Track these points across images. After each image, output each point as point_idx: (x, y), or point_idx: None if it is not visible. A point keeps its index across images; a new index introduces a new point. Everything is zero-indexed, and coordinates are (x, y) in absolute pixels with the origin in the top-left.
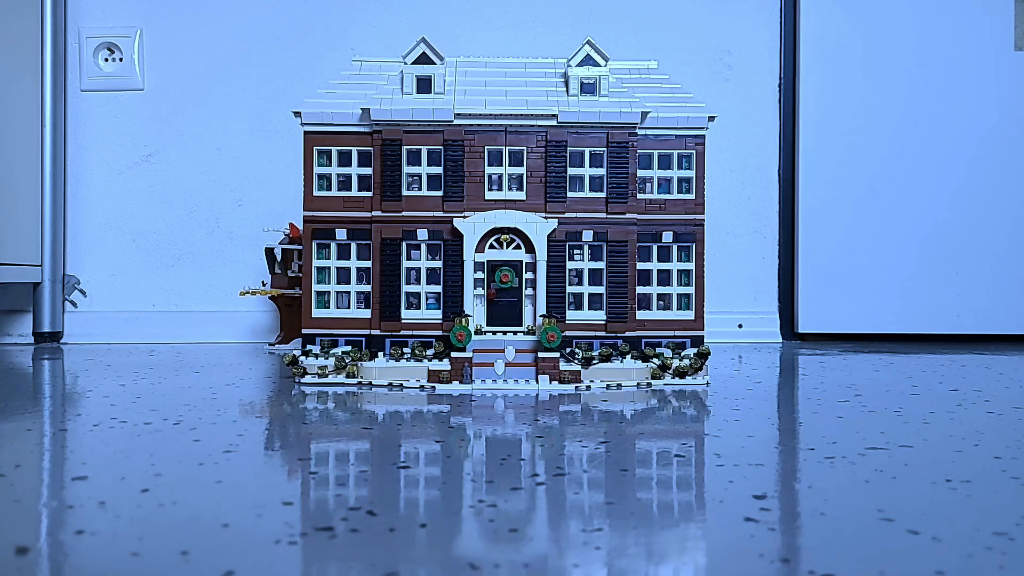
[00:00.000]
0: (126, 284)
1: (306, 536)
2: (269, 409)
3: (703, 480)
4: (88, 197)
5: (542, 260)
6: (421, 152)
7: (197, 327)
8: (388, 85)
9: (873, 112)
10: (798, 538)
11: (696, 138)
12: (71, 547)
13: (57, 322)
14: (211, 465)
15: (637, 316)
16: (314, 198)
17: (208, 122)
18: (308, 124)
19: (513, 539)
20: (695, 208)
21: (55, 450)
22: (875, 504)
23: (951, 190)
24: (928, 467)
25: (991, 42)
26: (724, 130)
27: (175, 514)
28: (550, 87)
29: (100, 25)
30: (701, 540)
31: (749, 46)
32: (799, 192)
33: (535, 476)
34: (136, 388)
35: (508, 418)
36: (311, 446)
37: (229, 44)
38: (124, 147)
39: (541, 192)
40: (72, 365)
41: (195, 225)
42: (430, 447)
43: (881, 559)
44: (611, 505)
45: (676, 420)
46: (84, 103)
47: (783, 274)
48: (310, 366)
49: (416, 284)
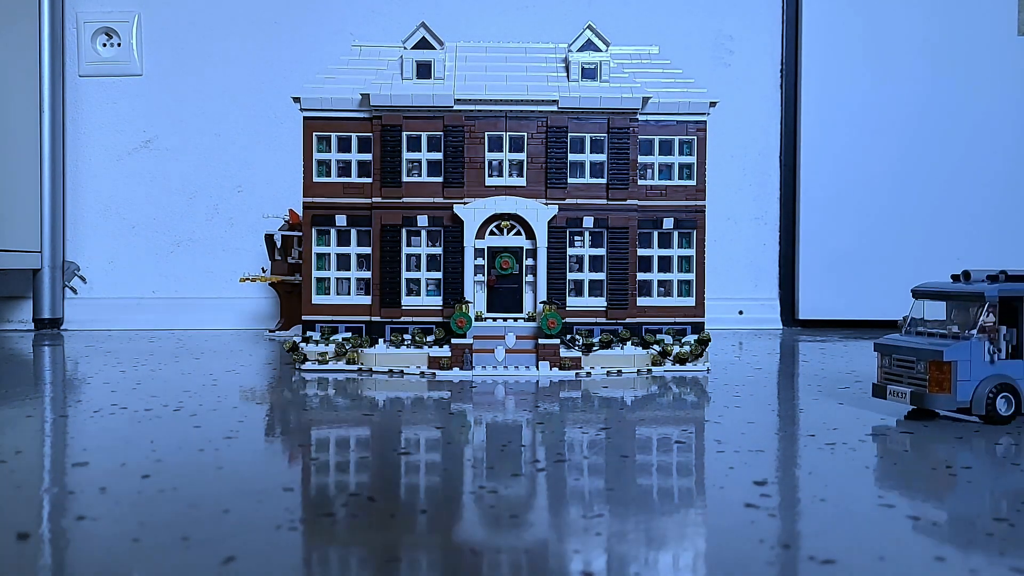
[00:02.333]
0: (126, 270)
1: (307, 522)
2: (269, 395)
3: (704, 466)
4: (87, 183)
5: (542, 246)
6: (421, 138)
7: (197, 313)
8: (388, 70)
9: (875, 98)
10: (798, 524)
11: (697, 124)
12: (72, 533)
13: (57, 308)
14: (211, 451)
15: (637, 303)
16: (314, 184)
17: (207, 108)
18: (307, 110)
19: (513, 525)
20: (696, 194)
21: (56, 436)
22: (875, 490)
23: (952, 176)
24: (928, 453)
25: (994, 28)
26: (725, 116)
27: (176, 500)
28: (551, 72)
29: (98, 10)
30: (701, 526)
31: (751, 31)
32: (800, 178)
33: (536, 462)
34: (136, 374)
35: (509, 404)
36: (311, 432)
37: (228, 29)
38: (123, 133)
39: (542, 178)
40: (72, 351)
41: (195, 211)
42: (431, 433)
43: (881, 545)
44: (611, 491)
45: (677, 407)
46: (82, 89)
47: (784, 260)
48: (310, 353)
49: (416, 271)
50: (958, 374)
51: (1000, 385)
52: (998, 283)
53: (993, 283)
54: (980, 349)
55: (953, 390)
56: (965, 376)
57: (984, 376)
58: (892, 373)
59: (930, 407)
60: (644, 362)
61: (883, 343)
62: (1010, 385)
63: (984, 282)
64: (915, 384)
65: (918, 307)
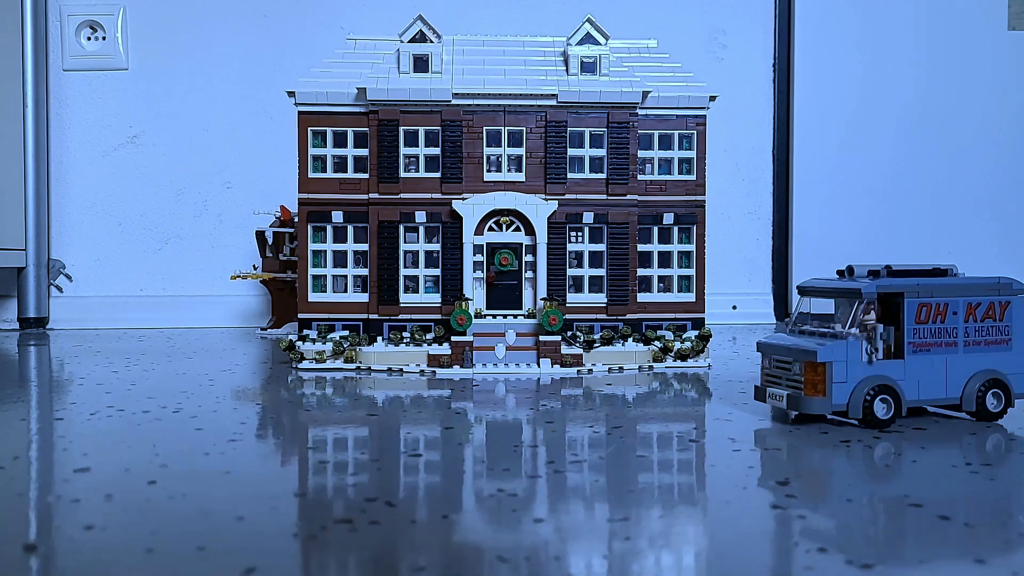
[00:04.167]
0: (112, 268)
1: (326, 529)
2: (269, 396)
3: (723, 466)
4: (72, 180)
5: (542, 242)
6: (418, 133)
7: (186, 311)
8: (384, 64)
9: (867, 92)
10: (830, 526)
11: (697, 118)
12: (82, 543)
13: (43, 307)
14: (217, 455)
15: (638, 298)
16: (309, 180)
17: (195, 102)
18: (302, 104)
19: (538, 530)
20: (696, 189)
21: (53, 441)
22: (900, 489)
23: (944, 169)
24: (945, 450)
25: (985, 22)
26: (718, 110)
27: (186, 507)
28: (549, 66)
29: (82, 2)
30: (732, 529)
31: (743, 25)
32: (793, 173)
33: (552, 463)
34: (130, 375)
35: (512, 403)
36: (316, 434)
37: (216, 22)
38: (109, 128)
39: (541, 173)
40: (60, 351)
41: (183, 208)
42: (439, 433)
43: (918, 547)
44: (631, 493)
45: (683, 403)
46: (66, 83)
47: (777, 255)
48: (307, 351)
49: (414, 267)
50: (833, 375)
51: (879, 387)
52: (879, 279)
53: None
54: (857, 349)
55: (828, 392)
56: (841, 378)
57: (862, 377)
58: (772, 375)
59: (806, 411)
60: (645, 358)
61: (763, 342)
62: (889, 387)
63: (866, 278)
64: (792, 386)
65: (804, 304)
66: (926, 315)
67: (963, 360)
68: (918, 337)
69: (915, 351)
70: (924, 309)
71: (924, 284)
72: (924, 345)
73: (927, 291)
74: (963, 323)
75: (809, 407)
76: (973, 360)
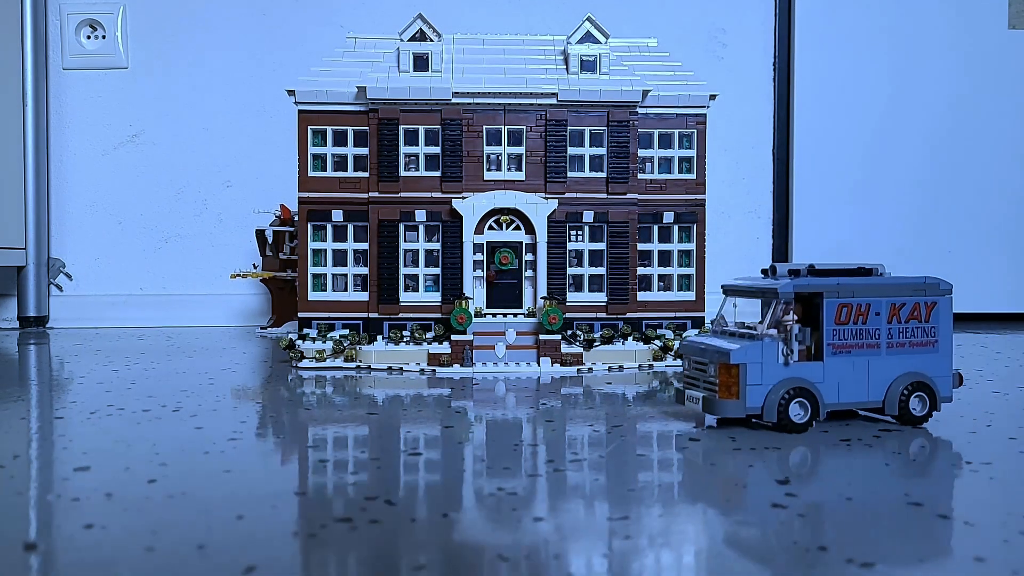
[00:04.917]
0: (112, 267)
1: (326, 528)
2: (269, 394)
3: (723, 465)
4: (72, 178)
5: (542, 241)
6: (419, 131)
7: (186, 310)
8: (384, 63)
9: (867, 91)
10: (830, 525)
11: (697, 117)
12: (81, 542)
13: (42, 306)
14: (217, 454)
15: (638, 297)
16: (309, 179)
17: (195, 101)
18: (302, 103)
19: (538, 529)
20: (696, 188)
21: (53, 439)
22: (900, 488)
23: (945, 170)
24: (944, 449)
25: (985, 20)
26: (718, 109)
27: (186, 506)
28: (549, 65)
29: (82, 1)
30: (732, 528)
31: (743, 24)
32: (793, 171)
33: (551, 462)
34: (129, 374)
35: (511, 401)
36: (316, 433)
37: (215, 20)
38: (109, 127)
39: (541, 172)
40: (60, 350)
41: (183, 207)
42: (439, 432)
43: (919, 546)
44: (631, 492)
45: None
46: (66, 82)
47: (777, 254)
48: (307, 350)
49: (414, 266)
50: (748, 377)
51: (795, 390)
52: (797, 278)
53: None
54: (773, 350)
55: (743, 395)
56: (756, 380)
57: (778, 380)
58: (691, 376)
59: (719, 414)
60: (646, 357)
61: (683, 343)
62: (806, 390)
63: (787, 277)
64: (708, 389)
65: (728, 305)
66: (847, 316)
67: (886, 362)
68: (838, 338)
69: (835, 352)
70: (844, 309)
71: (844, 284)
72: (844, 347)
73: (847, 291)
74: (886, 324)
75: (723, 410)
76: (897, 362)
